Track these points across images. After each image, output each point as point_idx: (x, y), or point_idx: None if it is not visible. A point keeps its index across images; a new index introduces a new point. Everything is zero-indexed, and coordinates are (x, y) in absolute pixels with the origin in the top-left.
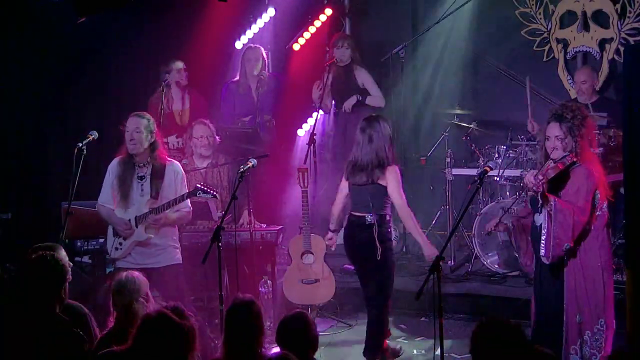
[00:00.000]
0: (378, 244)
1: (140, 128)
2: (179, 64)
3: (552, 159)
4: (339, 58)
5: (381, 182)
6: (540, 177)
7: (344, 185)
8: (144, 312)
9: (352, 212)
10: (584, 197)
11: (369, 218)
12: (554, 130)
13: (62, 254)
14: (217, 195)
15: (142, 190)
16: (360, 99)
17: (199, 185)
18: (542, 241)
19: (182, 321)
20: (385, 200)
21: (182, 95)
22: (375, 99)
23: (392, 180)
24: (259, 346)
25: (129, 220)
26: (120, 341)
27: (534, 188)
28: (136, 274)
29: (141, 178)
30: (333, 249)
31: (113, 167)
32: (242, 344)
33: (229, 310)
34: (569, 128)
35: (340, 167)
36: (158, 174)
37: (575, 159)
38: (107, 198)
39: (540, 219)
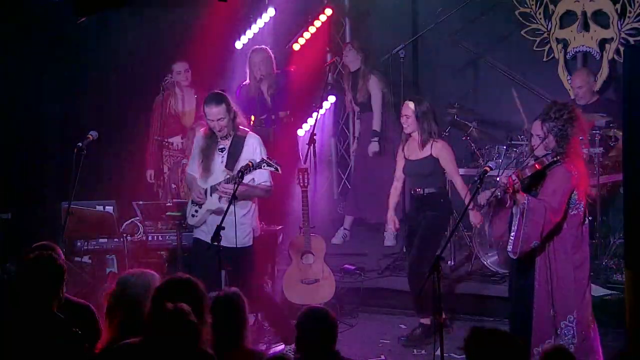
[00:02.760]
0: None
1: (221, 114)
2: (179, 66)
3: (533, 156)
4: (348, 64)
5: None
6: (514, 177)
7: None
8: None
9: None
10: (559, 198)
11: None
12: (537, 128)
13: (59, 253)
14: (279, 168)
15: (221, 161)
16: (378, 139)
17: (264, 157)
18: (512, 237)
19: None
20: None
21: (183, 96)
22: (375, 120)
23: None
24: (243, 338)
25: (206, 190)
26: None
27: (503, 188)
28: (148, 271)
29: (222, 150)
30: None
31: (198, 139)
32: (225, 338)
33: (212, 304)
34: (551, 128)
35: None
36: (237, 146)
37: (556, 158)
38: (193, 168)
39: (518, 211)
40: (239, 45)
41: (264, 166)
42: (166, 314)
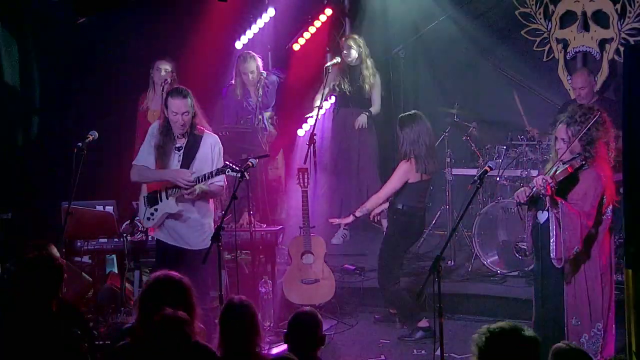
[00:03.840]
0: None
1: (187, 109)
2: (162, 65)
3: (560, 160)
4: (346, 59)
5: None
6: (549, 180)
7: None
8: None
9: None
10: (590, 201)
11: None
12: (561, 132)
13: (54, 252)
14: (246, 174)
15: (178, 161)
16: (368, 114)
17: (227, 162)
18: (552, 244)
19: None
20: None
21: (154, 94)
22: (375, 105)
23: None
24: (255, 346)
25: (163, 193)
26: None
27: (542, 191)
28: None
29: (178, 149)
30: None
31: (153, 133)
32: (238, 345)
33: (223, 313)
34: (576, 132)
35: (338, 166)
36: (194, 145)
37: (584, 162)
38: (148, 160)
39: (544, 217)
40: (239, 45)
41: (228, 172)
42: (162, 321)
